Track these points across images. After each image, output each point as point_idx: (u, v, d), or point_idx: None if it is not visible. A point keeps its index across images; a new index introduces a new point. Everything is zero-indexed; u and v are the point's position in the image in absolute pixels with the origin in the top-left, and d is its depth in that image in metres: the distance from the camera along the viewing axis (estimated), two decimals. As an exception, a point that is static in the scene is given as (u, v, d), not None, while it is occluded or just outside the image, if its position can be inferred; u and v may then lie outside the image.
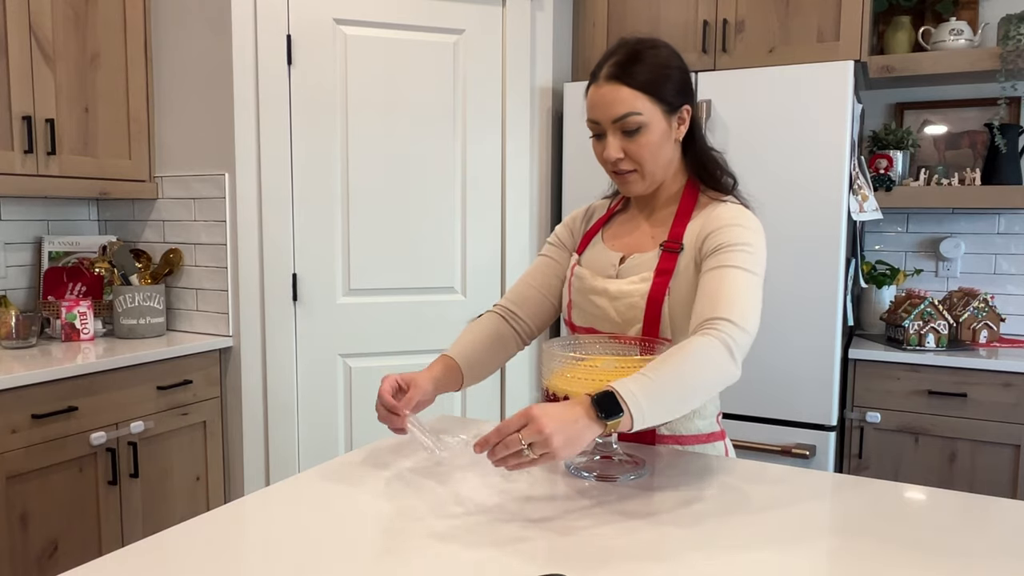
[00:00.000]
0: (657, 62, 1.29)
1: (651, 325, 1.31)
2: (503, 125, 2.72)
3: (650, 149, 1.30)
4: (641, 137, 1.29)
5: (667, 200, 1.40)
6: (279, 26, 2.48)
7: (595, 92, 1.31)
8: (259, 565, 0.91)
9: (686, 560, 0.92)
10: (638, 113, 1.27)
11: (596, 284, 1.38)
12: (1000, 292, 2.85)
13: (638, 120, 1.28)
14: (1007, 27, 2.54)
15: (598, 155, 1.34)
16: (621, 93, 1.27)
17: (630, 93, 1.27)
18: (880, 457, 2.52)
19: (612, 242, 1.43)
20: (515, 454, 1.02)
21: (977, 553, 0.95)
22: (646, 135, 1.29)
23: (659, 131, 1.30)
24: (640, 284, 1.33)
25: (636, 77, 1.27)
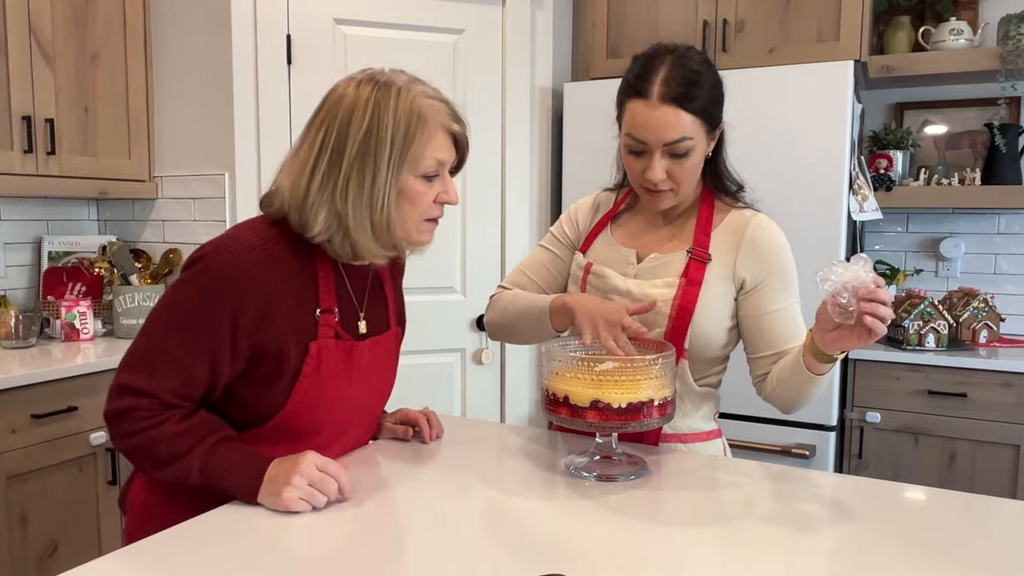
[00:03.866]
0: (712, 83, 1.27)
1: (677, 332, 1.30)
2: (503, 125, 2.72)
3: (693, 171, 1.29)
4: (688, 160, 1.26)
5: (686, 206, 1.39)
6: (279, 26, 2.48)
7: (648, 111, 1.23)
8: (259, 565, 0.91)
9: (686, 560, 0.92)
10: (691, 138, 1.25)
11: (619, 284, 1.35)
12: (1000, 292, 2.84)
13: (689, 145, 1.25)
14: (1007, 27, 2.54)
15: (635, 172, 1.29)
16: (681, 118, 1.23)
17: (690, 119, 1.23)
18: (880, 457, 2.52)
19: (625, 240, 1.40)
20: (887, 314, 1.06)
21: (977, 553, 0.95)
22: (692, 158, 1.27)
23: (702, 152, 1.29)
24: (665, 289, 1.31)
25: (696, 103, 1.23)
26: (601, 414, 1.12)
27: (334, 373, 1.15)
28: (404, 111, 1.08)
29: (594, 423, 1.13)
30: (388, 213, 1.09)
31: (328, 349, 1.14)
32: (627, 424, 1.12)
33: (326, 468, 1.08)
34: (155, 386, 1.07)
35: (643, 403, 1.12)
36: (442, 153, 1.12)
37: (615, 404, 1.11)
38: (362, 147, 1.07)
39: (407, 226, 1.13)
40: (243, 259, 1.07)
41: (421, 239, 1.16)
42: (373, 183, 1.07)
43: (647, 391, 1.12)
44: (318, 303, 1.13)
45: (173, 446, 1.07)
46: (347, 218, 1.08)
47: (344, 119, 1.08)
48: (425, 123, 1.09)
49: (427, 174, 1.11)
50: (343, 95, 1.11)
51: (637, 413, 1.12)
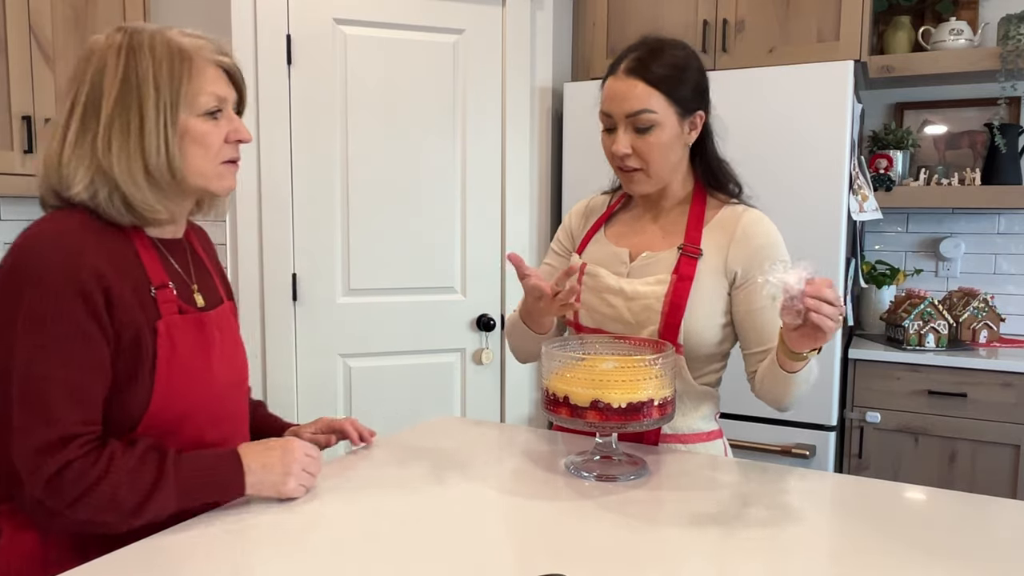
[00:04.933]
0: (676, 61, 1.29)
1: (670, 329, 1.30)
2: (503, 125, 2.72)
3: (660, 149, 1.29)
4: (651, 136, 1.28)
5: (675, 203, 1.39)
6: (279, 26, 2.48)
7: (612, 84, 1.29)
8: (259, 565, 0.91)
9: (686, 560, 0.92)
10: (652, 111, 1.26)
11: (611, 283, 1.36)
12: (1000, 292, 2.84)
13: (651, 118, 1.27)
14: (1007, 27, 2.54)
15: (607, 149, 1.32)
16: (637, 89, 1.26)
17: (646, 89, 1.26)
18: (880, 457, 2.52)
19: (618, 239, 1.41)
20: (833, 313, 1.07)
21: (977, 553, 0.95)
22: (657, 134, 1.28)
23: (671, 132, 1.29)
24: (656, 286, 1.32)
25: (654, 73, 1.26)
26: (601, 414, 1.12)
27: (192, 350, 1.07)
28: (163, 51, 1.03)
29: (594, 423, 1.13)
30: (170, 159, 1.02)
31: (177, 326, 1.06)
32: (627, 424, 1.12)
33: (311, 451, 1.11)
34: (64, 426, 0.94)
35: (643, 403, 1.12)
36: (218, 87, 1.06)
37: (615, 404, 1.11)
38: (121, 94, 1.00)
39: (203, 171, 1.06)
40: (57, 244, 0.97)
41: (223, 184, 1.09)
42: (142, 128, 1.01)
43: (647, 391, 1.12)
44: (150, 281, 1.05)
45: (137, 483, 0.96)
46: (112, 170, 1.01)
47: (96, 71, 1.02)
48: (190, 59, 1.04)
49: (208, 111, 1.05)
50: (92, 49, 1.04)
51: (637, 413, 1.12)
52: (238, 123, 1.10)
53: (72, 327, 0.95)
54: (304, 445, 1.11)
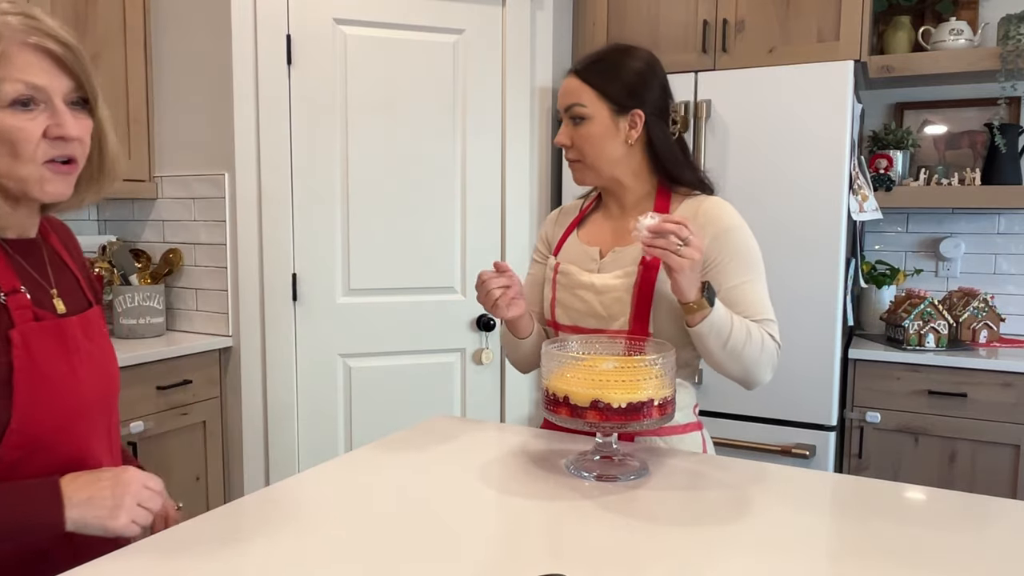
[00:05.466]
0: (613, 63, 1.39)
1: (640, 319, 1.35)
2: (503, 125, 2.72)
3: (591, 141, 1.39)
4: (583, 128, 1.39)
5: (638, 200, 1.45)
6: (279, 26, 2.48)
7: (563, 83, 1.43)
8: (259, 565, 0.91)
9: (686, 561, 0.92)
10: (582, 105, 1.38)
11: (583, 279, 1.42)
12: (1000, 292, 2.84)
13: (581, 111, 1.38)
14: (1007, 27, 2.54)
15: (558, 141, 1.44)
16: (572, 84, 1.40)
17: (578, 85, 1.39)
18: (880, 457, 2.52)
19: (589, 239, 1.48)
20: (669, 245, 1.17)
21: (977, 553, 0.95)
22: (587, 127, 1.38)
23: (602, 126, 1.38)
24: (624, 278, 1.37)
25: (588, 72, 1.39)
26: (601, 414, 1.12)
27: (52, 360, 0.96)
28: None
29: (594, 423, 1.13)
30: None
31: (34, 334, 0.95)
32: (627, 424, 1.13)
33: (149, 483, 0.98)
34: None
35: (643, 403, 1.12)
36: (31, 75, 0.90)
37: (615, 404, 1.12)
38: None
39: (19, 173, 0.91)
40: None
41: (48, 190, 0.94)
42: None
43: (647, 391, 1.12)
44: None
45: None
46: None
47: None
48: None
49: (17, 101, 0.89)
50: None
51: (637, 413, 1.12)
52: (61, 116, 0.93)
53: None
54: (142, 476, 0.98)
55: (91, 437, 1.03)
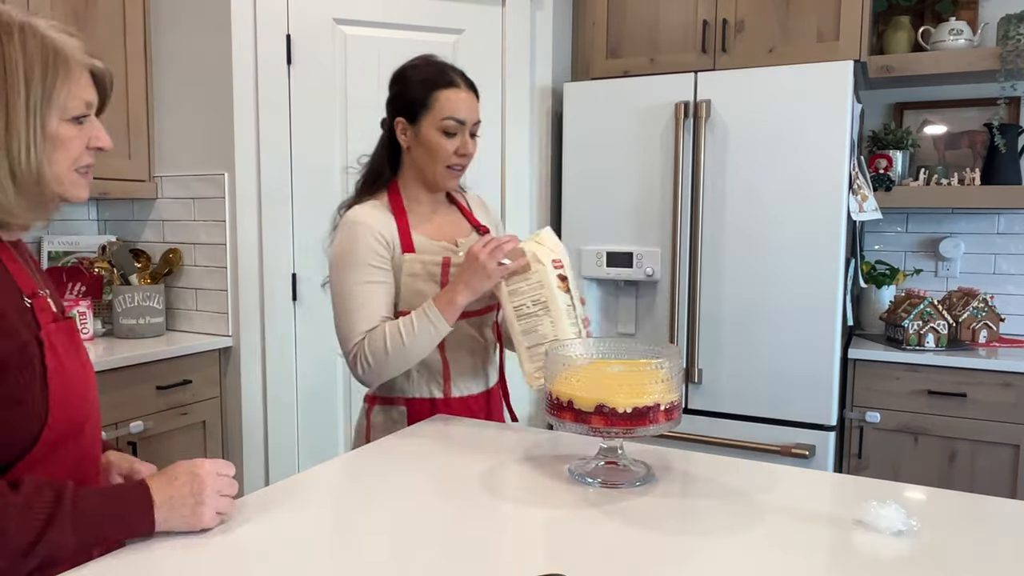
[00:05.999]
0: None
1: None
2: (503, 125, 2.72)
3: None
4: (477, 141, 1.59)
5: (439, 196, 1.65)
6: (279, 26, 2.48)
7: (464, 96, 1.55)
8: (259, 565, 0.90)
9: (687, 562, 0.92)
10: (480, 121, 1.59)
11: None
12: (1000, 292, 2.85)
13: (479, 127, 1.59)
14: (1007, 27, 2.54)
15: (449, 151, 1.53)
16: (473, 101, 1.57)
17: (476, 102, 1.58)
18: (880, 457, 2.53)
19: (433, 235, 1.59)
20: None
21: (977, 553, 0.95)
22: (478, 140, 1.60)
23: None
24: None
25: (478, 93, 1.60)
26: (606, 419, 1.11)
27: (71, 360, 1.01)
28: (35, 47, 0.94)
29: (599, 428, 1.12)
30: (38, 163, 0.95)
31: (57, 334, 1.00)
32: (633, 429, 1.11)
33: (222, 469, 1.02)
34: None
35: (649, 407, 1.11)
36: (89, 93, 1.00)
37: (620, 409, 1.10)
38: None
39: (62, 177, 0.99)
40: None
41: (78, 193, 1.02)
42: (8, 130, 0.93)
43: (653, 395, 1.11)
44: (20, 290, 0.98)
45: (29, 523, 0.87)
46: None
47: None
48: (66, 61, 0.96)
49: (77, 116, 0.99)
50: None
51: (643, 418, 1.11)
52: (100, 129, 1.04)
53: None
54: (214, 465, 1.01)
55: (96, 430, 1.08)
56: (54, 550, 0.88)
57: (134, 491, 0.97)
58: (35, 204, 0.99)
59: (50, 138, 0.97)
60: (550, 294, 1.42)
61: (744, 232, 2.51)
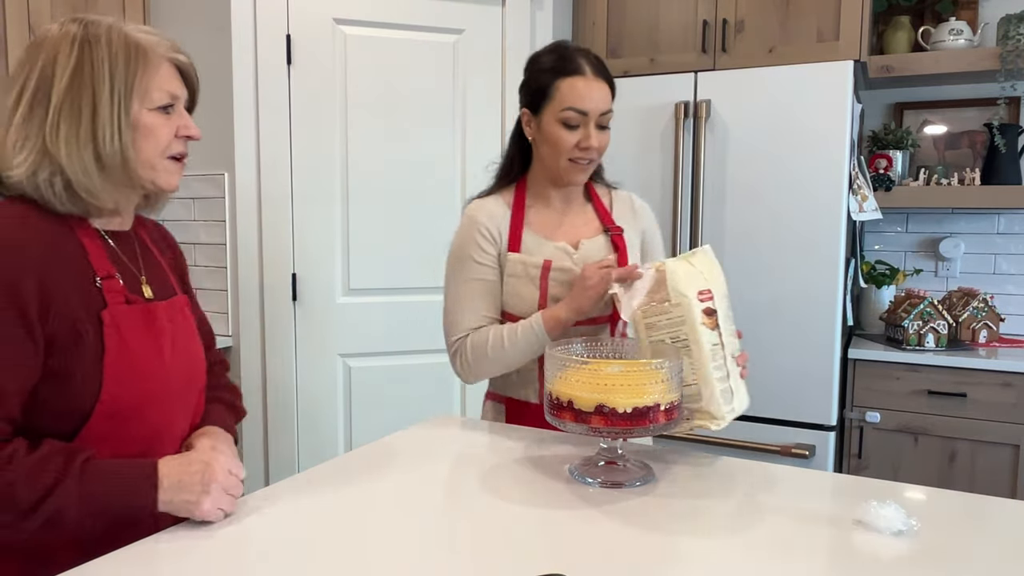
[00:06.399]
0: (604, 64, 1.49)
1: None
2: (503, 125, 2.72)
3: (606, 146, 1.49)
4: (606, 134, 1.47)
5: (575, 192, 1.55)
6: (279, 26, 2.48)
7: (588, 84, 1.42)
8: (259, 565, 0.91)
9: (687, 562, 0.92)
10: (611, 111, 1.46)
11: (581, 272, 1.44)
12: (1000, 292, 2.85)
13: (609, 118, 1.46)
14: (1007, 27, 2.54)
15: (568, 145, 1.43)
16: (605, 90, 1.44)
17: (608, 91, 1.45)
18: (880, 457, 2.53)
19: (549, 234, 1.51)
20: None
21: (977, 553, 0.95)
22: (608, 133, 1.48)
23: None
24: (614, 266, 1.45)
25: (610, 76, 1.46)
26: (606, 419, 1.10)
27: (140, 341, 1.06)
28: (119, 43, 1.03)
29: (599, 428, 1.11)
30: (123, 148, 1.03)
31: (124, 316, 1.05)
32: (633, 429, 1.11)
33: (234, 468, 1.06)
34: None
35: (649, 407, 1.11)
36: (172, 85, 1.08)
37: (620, 409, 1.10)
38: (73, 82, 1.01)
39: (151, 163, 1.06)
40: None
41: (170, 180, 1.10)
42: (95, 116, 1.01)
43: (653, 395, 1.11)
44: (94, 272, 1.04)
45: (36, 482, 0.92)
46: (59, 155, 1.00)
47: (48, 59, 1.01)
48: (146, 54, 1.04)
49: (161, 105, 1.06)
50: (44, 37, 1.03)
51: (643, 418, 1.11)
52: (188, 119, 1.11)
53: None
54: (228, 462, 1.06)
55: (174, 413, 1.12)
56: (56, 512, 0.93)
57: (143, 467, 1.01)
58: (120, 186, 1.06)
59: (135, 125, 1.04)
60: (692, 332, 1.23)
61: (744, 232, 2.51)
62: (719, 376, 1.24)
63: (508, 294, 1.49)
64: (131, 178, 1.06)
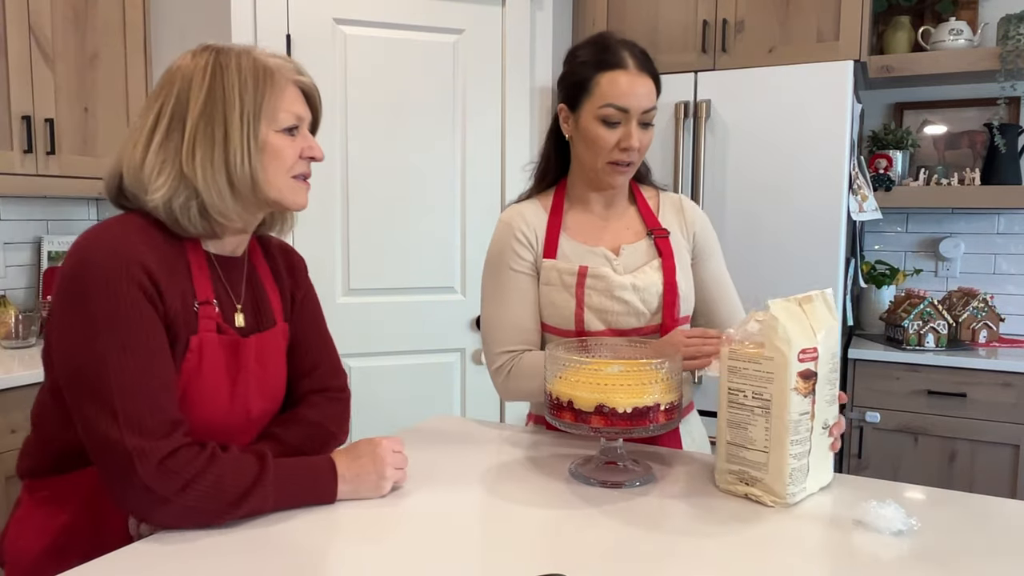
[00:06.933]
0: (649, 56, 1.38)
1: (670, 307, 1.38)
2: (503, 125, 2.72)
3: (648, 145, 1.39)
4: (649, 133, 1.37)
5: (618, 195, 1.46)
6: (279, 26, 2.48)
7: (631, 79, 1.32)
8: (258, 565, 0.90)
9: (687, 562, 0.92)
10: (655, 108, 1.36)
11: (622, 280, 1.37)
12: (1000, 292, 2.85)
13: (655, 114, 1.37)
14: (1007, 27, 2.54)
15: (608, 144, 1.34)
16: (649, 86, 1.34)
17: (653, 87, 1.35)
18: (880, 457, 2.53)
19: (587, 239, 1.42)
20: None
21: (977, 553, 0.95)
22: (652, 131, 1.38)
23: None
24: (655, 273, 1.39)
25: (654, 72, 1.36)
26: (606, 419, 1.10)
27: (216, 373, 1.07)
28: (248, 68, 1.06)
29: (599, 428, 1.11)
30: (252, 170, 1.06)
31: (210, 345, 1.07)
32: (632, 429, 1.11)
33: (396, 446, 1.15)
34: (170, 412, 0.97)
35: (649, 407, 1.11)
36: (297, 107, 1.10)
37: (620, 409, 1.10)
38: (207, 107, 1.04)
39: (278, 183, 1.09)
40: (117, 247, 0.99)
41: (297, 200, 1.12)
42: (227, 140, 1.04)
43: (653, 395, 1.11)
44: (195, 294, 1.07)
45: (239, 479, 0.99)
46: (195, 178, 1.04)
47: (183, 86, 1.05)
48: (272, 77, 1.07)
49: (287, 127, 1.09)
50: (179, 66, 1.08)
51: (643, 418, 1.10)
52: (312, 141, 1.14)
53: (147, 324, 0.98)
54: (389, 442, 1.15)
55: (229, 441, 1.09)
56: (257, 506, 1.00)
57: (324, 465, 1.09)
58: (249, 208, 1.10)
59: (263, 147, 1.07)
60: (779, 395, 1.05)
61: (744, 232, 2.51)
62: (797, 452, 1.07)
63: (543, 303, 1.41)
64: (259, 199, 1.09)
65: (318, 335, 1.30)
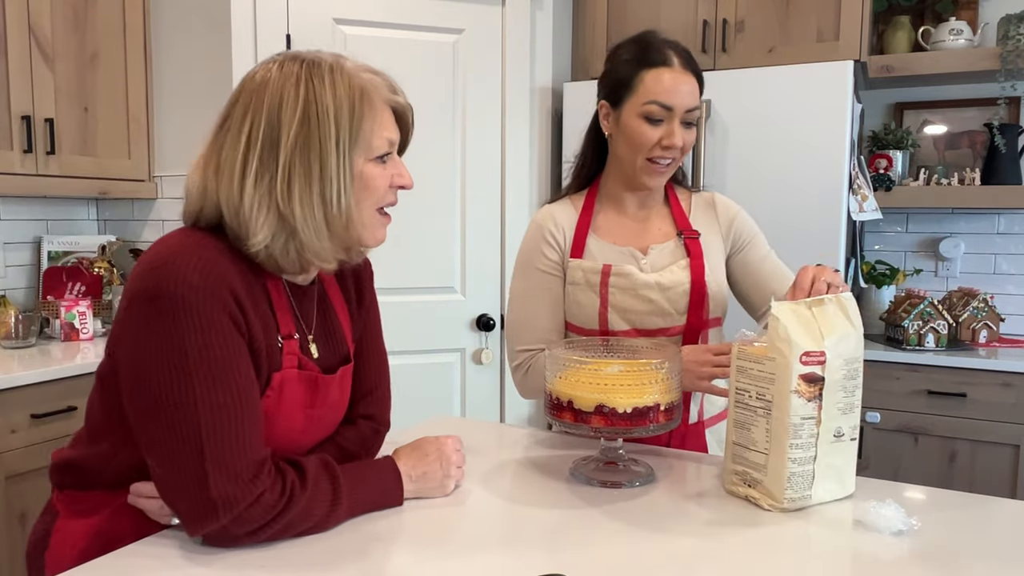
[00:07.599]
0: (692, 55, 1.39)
1: (697, 307, 1.37)
2: (503, 125, 2.72)
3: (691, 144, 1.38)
4: (692, 132, 1.37)
5: (652, 197, 1.45)
6: (279, 26, 2.48)
7: (675, 76, 1.32)
8: (258, 565, 0.90)
9: (687, 562, 0.92)
10: (699, 107, 1.36)
11: (646, 279, 1.37)
12: (1000, 292, 2.85)
13: (699, 114, 1.37)
14: (1007, 27, 2.54)
15: (649, 142, 1.33)
16: (692, 84, 1.34)
17: (696, 86, 1.35)
18: (880, 457, 2.52)
19: (615, 239, 1.42)
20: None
21: (977, 553, 0.95)
22: (695, 130, 1.38)
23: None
24: (682, 272, 1.38)
25: (699, 71, 1.36)
26: (606, 419, 1.10)
27: (291, 408, 1.01)
28: (344, 88, 0.95)
29: (599, 428, 1.11)
30: (347, 207, 0.95)
31: (291, 382, 1.00)
32: (632, 429, 1.11)
33: (457, 446, 1.15)
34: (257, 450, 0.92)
35: (649, 408, 1.11)
36: (392, 132, 1.01)
37: (620, 409, 1.10)
38: (301, 133, 0.92)
39: (363, 219, 0.99)
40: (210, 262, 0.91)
41: (376, 236, 1.02)
42: (322, 172, 0.93)
43: (653, 395, 1.11)
44: (278, 327, 0.99)
45: (313, 509, 0.95)
46: (293, 218, 0.93)
47: (273, 105, 0.93)
48: (370, 99, 0.96)
49: (381, 155, 0.99)
50: (265, 79, 0.95)
51: (643, 418, 1.10)
52: (402, 167, 1.04)
53: (237, 356, 0.92)
54: (451, 441, 1.14)
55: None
56: (332, 525, 0.99)
57: (388, 470, 1.07)
58: (338, 247, 0.99)
59: (357, 178, 0.96)
60: (779, 397, 1.04)
61: (744, 232, 2.51)
62: (797, 456, 1.04)
63: (568, 303, 1.42)
64: (351, 237, 0.98)
65: (378, 355, 1.22)
